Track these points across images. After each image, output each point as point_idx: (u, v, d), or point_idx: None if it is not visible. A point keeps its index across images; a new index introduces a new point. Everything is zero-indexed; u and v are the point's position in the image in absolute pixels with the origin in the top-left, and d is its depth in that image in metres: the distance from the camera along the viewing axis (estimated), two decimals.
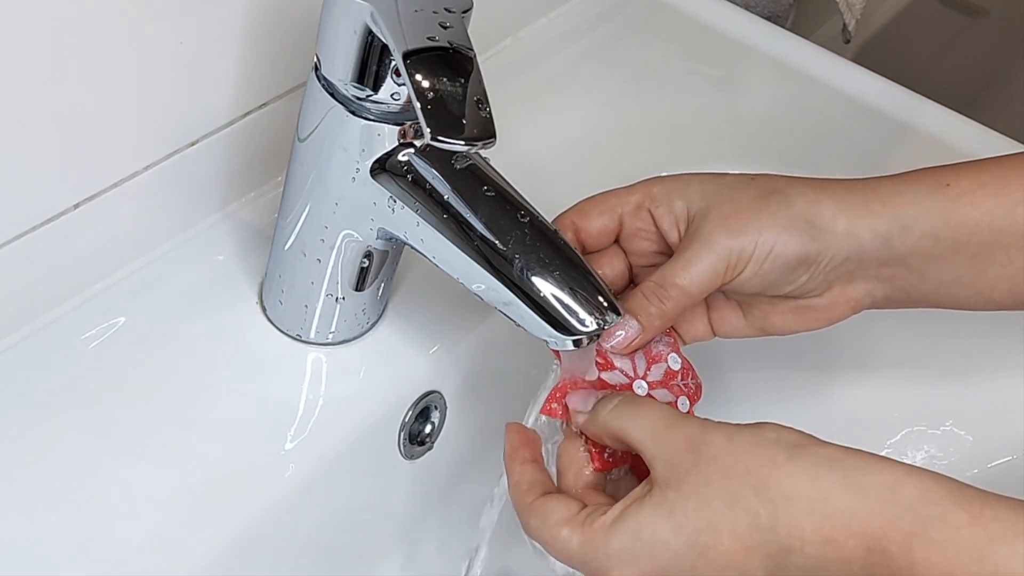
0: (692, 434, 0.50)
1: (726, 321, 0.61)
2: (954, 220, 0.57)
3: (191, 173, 0.63)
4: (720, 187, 0.58)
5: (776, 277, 0.57)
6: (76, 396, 0.58)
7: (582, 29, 0.86)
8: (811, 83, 0.85)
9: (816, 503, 0.47)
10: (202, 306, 0.63)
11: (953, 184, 0.57)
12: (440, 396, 0.66)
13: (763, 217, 0.56)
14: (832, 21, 1.28)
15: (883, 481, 0.48)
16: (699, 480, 0.49)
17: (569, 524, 0.51)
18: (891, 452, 0.75)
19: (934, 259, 0.57)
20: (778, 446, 0.49)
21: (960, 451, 0.74)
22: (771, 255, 0.56)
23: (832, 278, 0.58)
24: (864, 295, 0.58)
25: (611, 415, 0.53)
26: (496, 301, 0.54)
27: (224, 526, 0.56)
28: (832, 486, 0.48)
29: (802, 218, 0.56)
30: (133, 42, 0.56)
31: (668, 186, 0.59)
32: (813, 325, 0.60)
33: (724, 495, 0.48)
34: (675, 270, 0.56)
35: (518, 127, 0.77)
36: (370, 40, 0.52)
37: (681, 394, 0.58)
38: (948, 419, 0.74)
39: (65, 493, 0.55)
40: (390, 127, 0.54)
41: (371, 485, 0.65)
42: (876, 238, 0.57)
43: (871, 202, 0.57)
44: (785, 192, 0.57)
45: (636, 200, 0.59)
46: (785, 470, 0.48)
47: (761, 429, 0.50)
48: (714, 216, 0.56)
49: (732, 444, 0.49)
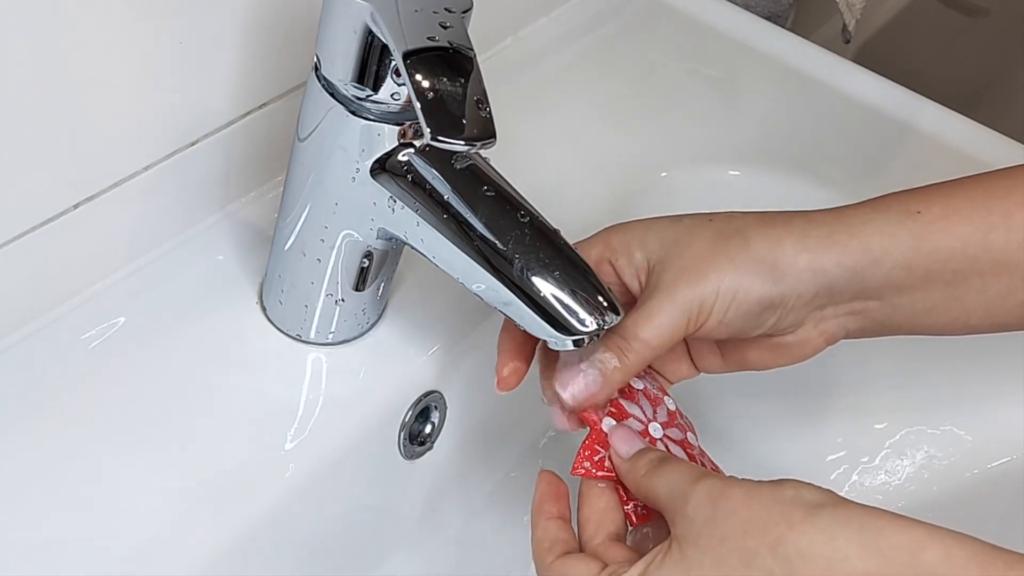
0: (712, 488, 0.49)
1: (705, 360, 0.61)
2: (926, 249, 0.55)
3: (191, 173, 0.63)
4: (677, 234, 0.56)
5: (743, 323, 0.56)
6: (76, 396, 0.58)
7: (582, 29, 0.86)
8: (811, 83, 0.85)
9: (834, 563, 0.46)
10: (202, 306, 0.63)
11: (924, 211, 0.55)
12: (440, 396, 0.66)
13: (722, 264, 0.55)
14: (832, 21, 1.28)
15: (903, 543, 0.46)
16: (716, 536, 0.48)
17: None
18: (891, 452, 0.75)
19: (907, 289, 0.56)
20: (796, 504, 0.48)
21: (960, 451, 0.74)
22: (734, 303, 0.55)
23: (803, 315, 0.57)
24: (838, 328, 0.57)
25: (644, 478, 0.52)
26: (496, 301, 0.54)
27: (224, 526, 0.56)
28: (850, 546, 0.46)
29: (762, 261, 0.55)
30: (133, 42, 0.56)
31: (626, 237, 0.58)
32: (789, 360, 0.59)
33: (740, 553, 0.47)
34: (636, 323, 0.55)
35: (518, 127, 0.77)
36: (370, 40, 0.52)
37: (688, 430, 0.58)
38: (948, 419, 0.74)
39: (65, 493, 0.55)
40: (390, 127, 0.54)
41: (371, 485, 0.65)
42: (844, 272, 0.55)
43: (837, 233, 0.55)
44: (744, 233, 0.56)
45: (596, 253, 0.58)
46: (801, 529, 0.47)
47: (781, 486, 0.49)
48: (673, 266, 0.55)
49: (750, 499, 0.48)
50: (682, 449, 0.56)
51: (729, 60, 0.86)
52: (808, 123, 0.82)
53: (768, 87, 0.85)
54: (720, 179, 0.78)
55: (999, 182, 0.56)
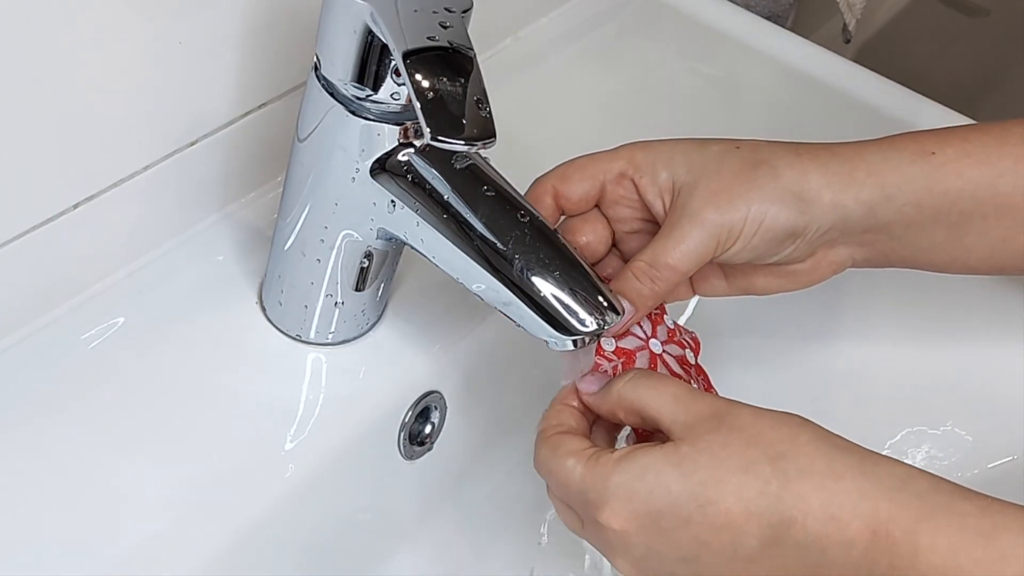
0: (718, 406, 0.51)
1: (707, 282, 0.61)
2: (937, 189, 0.57)
3: (191, 173, 0.63)
4: (706, 159, 0.57)
5: (765, 249, 0.57)
6: (76, 396, 0.58)
7: (582, 29, 0.86)
8: (811, 83, 0.85)
9: (828, 480, 0.48)
10: (202, 306, 0.63)
11: (938, 152, 0.57)
12: (440, 396, 0.66)
13: (751, 192, 0.56)
14: (832, 21, 1.28)
15: (895, 472, 0.49)
16: (718, 441, 0.49)
17: (575, 455, 0.51)
18: (891, 452, 0.75)
19: (915, 226, 0.58)
20: (802, 429, 0.50)
21: (960, 451, 0.74)
22: (760, 230, 0.56)
23: (817, 245, 0.58)
24: (846, 258, 0.59)
25: (626, 387, 0.53)
26: (496, 301, 0.54)
27: (224, 526, 0.56)
28: (847, 468, 0.48)
29: (790, 191, 0.56)
30: (133, 42, 0.56)
31: (652, 155, 0.58)
32: (794, 286, 0.60)
33: (740, 458, 0.49)
34: (666, 249, 0.56)
35: (518, 127, 0.77)
36: (370, 40, 0.52)
37: (686, 347, 0.58)
38: (948, 419, 0.74)
39: (65, 493, 0.55)
40: (390, 127, 0.54)
41: (371, 485, 0.65)
42: (860, 207, 0.57)
43: (856, 171, 0.57)
44: (772, 163, 0.57)
45: (619, 168, 0.58)
46: (804, 449, 0.49)
47: (788, 415, 0.51)
48: (701, 191, 0.56)
49: (757, 419, 0.50)
50: (680, 364, 0.57)
51: (729, 60, 0.86)
52: (808, 123, 0.82)
53: (768, 87, 0.85)
54: None
55: (1015, 129, 0.58)
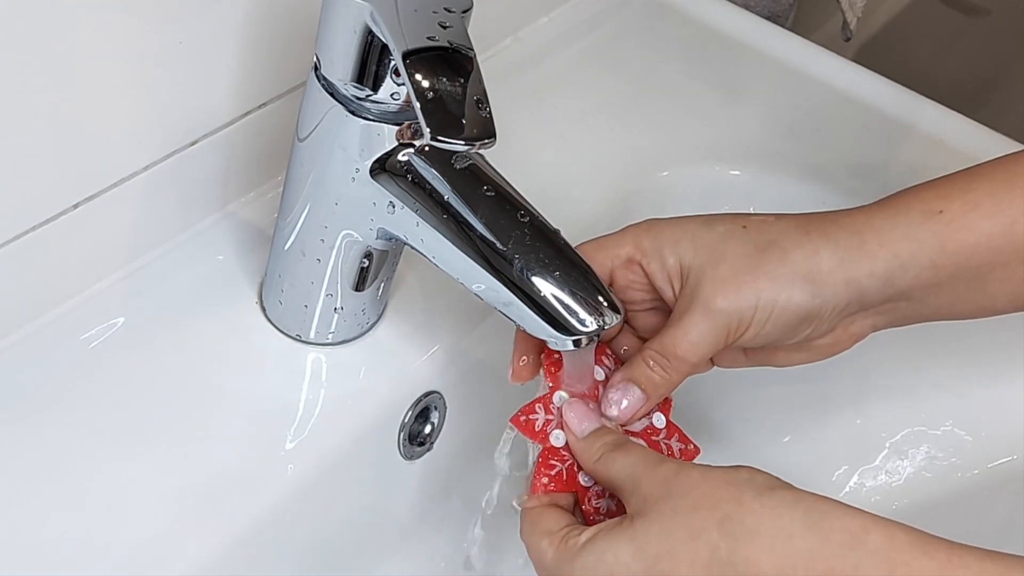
0: (668, 472, 0.51)
1: (727, 358, 0.60)
2: (951, 248, 0.56)
3: (191, 173, 0.63)
4: (712, 242, 0.56)
5: (780, 334, 0.56)
6: (76, 396, 0.58)
7: (582, 29, 0.86)
8: (811, 83, 0.85)
9: (777, 541, 0.47)
10: (202, 306, 0.63)
11: (946, 210, 0.56)
12: (440, 396, 0.66)
13: (760, 279, 0.55)
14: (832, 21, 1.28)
15: (847, 527, 0.47)
16: (666, 510, 0.49)
17: (549, 537, 0.52)
18: (891, 452, 0.75)
19: (934, 287, 0.56)
20: (748, 485, 0.49)
21: (960, 451, 0.74)
22: (772, 316, 0.55)
23: (835, 322, 0.57)
24: (867, 327, 0.58)
25: (599, 463, 0.54)
26: (496, 301, 0.54)
27: (224, 526, 0.56)
28: (795, 526, 0.47)
29: (800, 275, 0.55)
30: (132, 42, 0.56)
31: (659, 240, 0.58)
32: (817, 358, 0.60)
33: (688, 526, 0.49)
34: (675, 340, 0.55)
35: (518, 127, 0.77)
36: (370, 40, 0.52)
37: (658, 450, 0.57)
38: (948, 419, 0.74)
39: (64, 493, 0.55)
40: (390, 127, 0.54)
41: (371, 485, 0.65)
42: (876, 281, 0.56)
43: (867, 243, 0.56)
44: (781, 245, 0.56)
45: (627, 253, 0.58)
46: (750, 507, 0.48)
47: (736, 470, 0.50)
48: (710, 277, 0.56)
49: (704, 480, 0.50)
50: (644, 440, 0.57)
51: (729, 60, 0.86)
52: (808, 123, 0.82)
53: (768, 87, 0.85)
54: (721, 179, 0.78)
55: (1018, 168, 0.57)
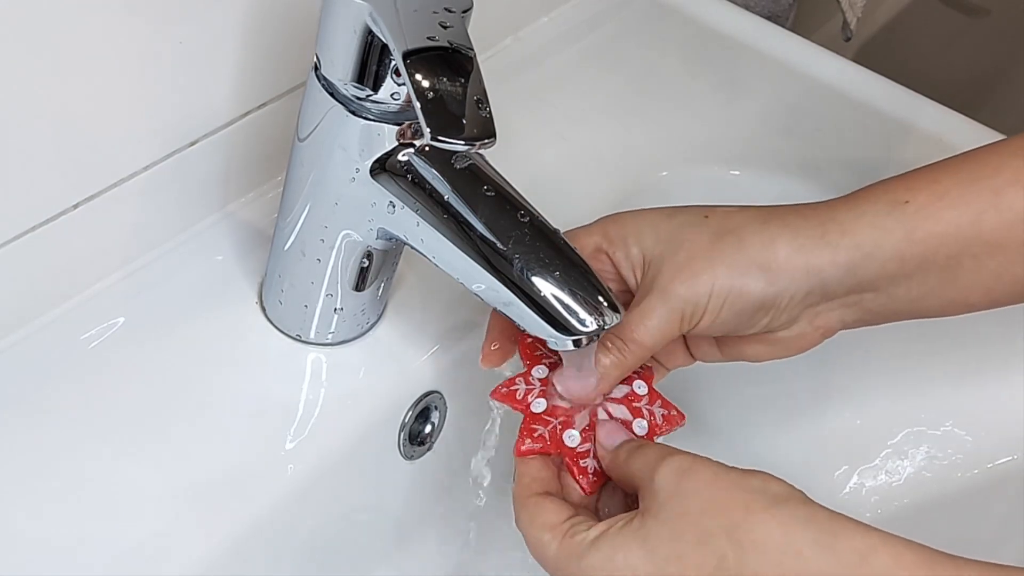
0: (680, 465, 0.50)
1: (701, 350, 0.61)
2: (917, 238, 0.55)
3: (191, 173, 0.63)
4: (672, 231, 0.57)
5: (737, 322, 0.56)
6: (76, 396, 0.58)
7: (582, 29, 0.86)
8: (811, 83, 0.85)
9: (787, 557, 0.47)
10: (202, 306, 0.63)
11: (912, 200, 0.56)
12: (440, 396, 0.66)
13: (716, 265, 0.55)
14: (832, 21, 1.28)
15: (855, 546, 0.47)
16: (676, 511, 0.49)
17: (552, 530, 0.52)
18: (891, 452, 0.75)
19: (902, 278, 0.56)
20: (759, 493, 0.49)
21: (960, 451, 0.74)
22: (727, 303, 0.55)
23: (797, 313, 0.57)
24: (835, 321, 0.58)
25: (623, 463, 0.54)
26: (496, 301, 0.54)
27: (224, 526, 0.56)
28: (804, 543, 0.47)
29: (755, 262, 0.55)
30: (133, 42, 0.56)
31: (623, 229, 0.58)
32: (786, 353, 0.59)
33: (697, 531, 0.48)
34: (630, 324, 0.56)
35: (518, 127, 0.77)
36: (370, 40, 0.52)
37: (640, 416, 0.58)
38: (948, 419, 0.74)
39: (64, 493, 0.55)
40: (390, 127, 0.54)
41: (371, 485, 0.65)
42: (838, 270, 0.56)
43: (829, 232, 0.56)
44: (738, 233, 0.56)
45: (594, 243, 0.58)
46: (760, 517, 0.48)
47: (749, 475, 0.50)
48: (668, 265, 0.56)
49: (715, 481, 0.49)
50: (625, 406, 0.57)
51: (729, 60, 0.86)
52: (808, 123, 0.82)
53: (768, 87, 0.85)
54: (720, 178, 0.78)
55: (986, 159, 0.56)
